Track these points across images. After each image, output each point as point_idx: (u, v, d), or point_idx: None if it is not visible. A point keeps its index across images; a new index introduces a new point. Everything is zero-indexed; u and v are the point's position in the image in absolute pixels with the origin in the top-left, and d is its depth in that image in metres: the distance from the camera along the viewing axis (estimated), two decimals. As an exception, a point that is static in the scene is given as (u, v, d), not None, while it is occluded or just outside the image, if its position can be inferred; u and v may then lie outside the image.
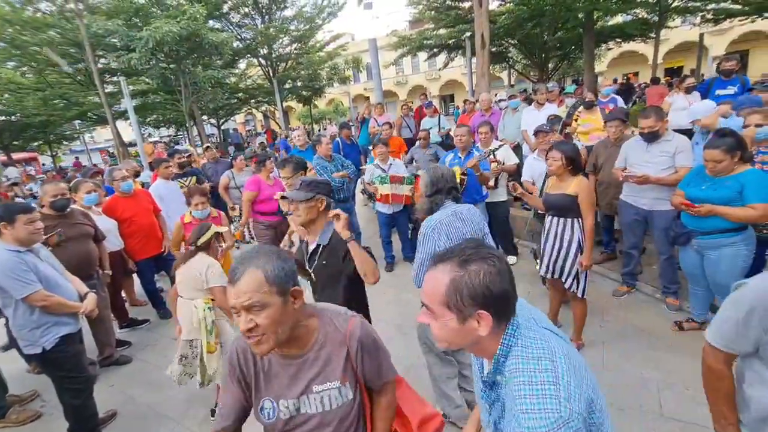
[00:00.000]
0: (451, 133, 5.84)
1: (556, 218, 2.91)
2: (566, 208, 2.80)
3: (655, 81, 11.48)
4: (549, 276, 3.04)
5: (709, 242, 2.64)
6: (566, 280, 2.90)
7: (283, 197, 2.24)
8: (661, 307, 3.46)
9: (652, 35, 14.83)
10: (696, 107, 3.91)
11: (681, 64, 24.98)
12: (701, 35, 13.98)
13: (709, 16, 14.01)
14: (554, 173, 2.88)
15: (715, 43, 23.05)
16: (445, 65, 19.40)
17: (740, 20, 13.82)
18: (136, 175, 5.09)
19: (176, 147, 9.51)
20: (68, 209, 3.28)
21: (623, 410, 2.43)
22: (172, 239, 3.72)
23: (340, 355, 1.21)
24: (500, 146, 4.34)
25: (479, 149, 4.31)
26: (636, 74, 25.05)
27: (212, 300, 2.55)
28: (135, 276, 4.60)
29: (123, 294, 4.48)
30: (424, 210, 2.31)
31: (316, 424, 1.20)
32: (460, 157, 4.12)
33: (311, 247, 2.06)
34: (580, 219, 2.80)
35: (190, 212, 3.62)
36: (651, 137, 3.20)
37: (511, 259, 4.67)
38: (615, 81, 18.13)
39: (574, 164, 2.80)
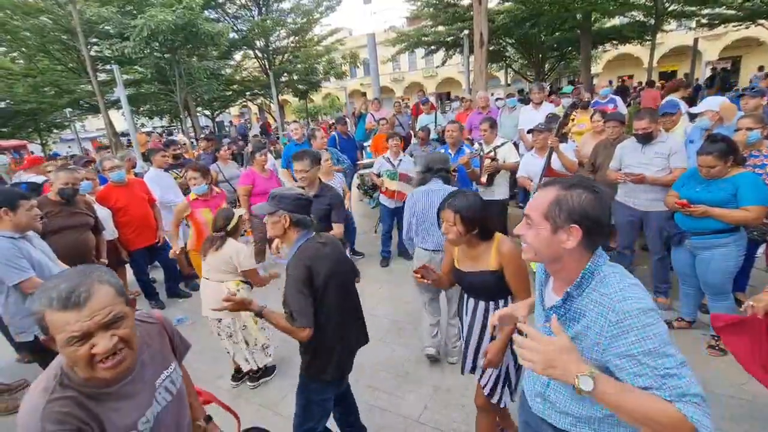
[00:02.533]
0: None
1: (474, 300, 2.03)
2: (491, 288, 1.93)
3: (650, 84, 11.59)
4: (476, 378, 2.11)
5: (702, 242, 2.68)
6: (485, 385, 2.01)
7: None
8: (652, 306, 3.51)
9: (648, 38, 14.97)
10: (709, 100, 3.88)
11: (675, 68, 25.25)
12: (696, 40, 14.17)
13: (704, 21, 14.18)
14: (454, 243, 1.95)
15: (708, 49, 23.33)
16: (443, 62, 19.38)
17: (734, 26, 14.00)
18: (133, 166, 5.02)
19: (172, 138, 9.38)
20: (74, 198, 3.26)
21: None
22: (174, 217, 3.73)
23: (165, 342, 1.27)
24: (503, 144, 4.36)
25: (469, 146, 4.34)
26: (631, 77, 25.24)
27: (245, 282, 2.82)
28: (126, 266, 4.57)
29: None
30: (416, 183, 2.79)
31: (176, 408, 1.24)
32: (450, 153, 4.14)
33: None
34: (511, 298, 1.96)
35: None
36: (645, 139, 3.25)
37: None
38: (610, 83, 18.26)
39: (482, 223, 1.85)
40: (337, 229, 3.10)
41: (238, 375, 3.06)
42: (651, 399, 0.93)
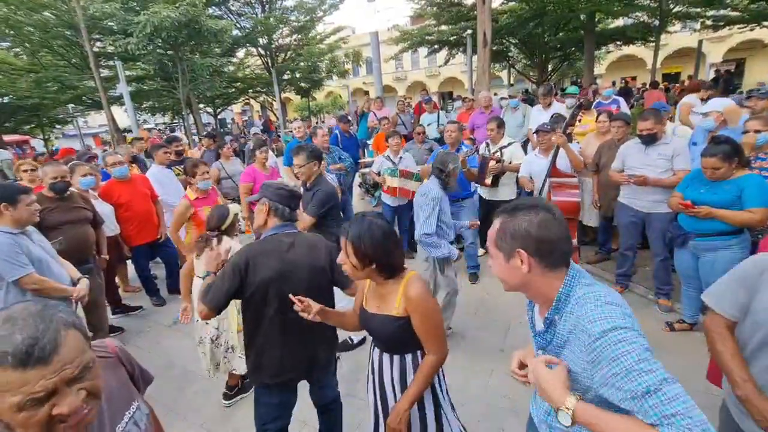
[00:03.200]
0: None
1: (379, 351, 1.68)
2: (393, 338, 1.58)
3: (654, 85, 11.55)
4: None
5: (706, 244, 2.67)
6: None
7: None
8: (653, 307, 3.51)
9: (652, 39, 14.92)
10: (715, 101, 3.87)
11: (679, 70, 25.16)
12: (700, 42, 14.08)
13: (709, 23, 14.11)
14: (353, 277, 1.57)
15: (713, 51, 23.22)
16: (446, 62, 19.35)
17: (739, 28, 13.93)
18: (133, 160, 5.02)
19: (175, 134, 9.39)
20: (67, 192, 3.25)
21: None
22: (175, 217, 3.63)
23: (123, 377, 1.08)
24: (510, 144, 4.34)
25: (468, 146, 4.33)
26: (634, 78, 25.18)
27: None
28: (128, 262, 4.58)
29: (116, 280, 4.44)
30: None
31: None
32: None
33: None
34: (420, 353, 1.61)
35: (195, 187, 3.59)
36: (649, 139, 3.23)
37: None
38: (613, 84, 18.21)
39: (380, 257, 1.48)
40: (302, 221, 2.92)
41: (230, 393, 2.88)
42: (631, 424, 0.85)
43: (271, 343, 1.80)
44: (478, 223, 3.55)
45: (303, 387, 2.04)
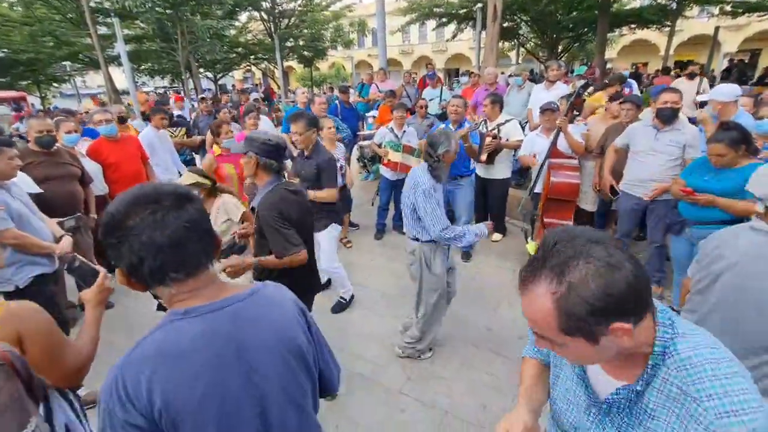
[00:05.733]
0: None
1: None
2: None
3: (666, 71, 11.25)
4: None
5: (704, 232, 2.59)
6: None
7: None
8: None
9: (668, 24, 14.43)
10: (721, 88, 3.56)
11: (692, 58, 24.38)
12: (716, 29, 13.62)
13: (728, 8, 13.61)
14: None
15: (729, 39, 22.58)
16: (454, 36, 18.76)
17: (758, 16, 13.46)
18: (122, 120, 4.88)
19: (163, 99, 9.13)
20: (54, 147, 3.16)
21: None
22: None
23: (16, 389, 0.89)
24: (507, 121, 4.22)
25: (469, 122, 4.21)
26: (645, 64, 24.57)
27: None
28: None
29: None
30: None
31: None
32: (450, 129, 4.02)
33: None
34: None
35: (220, 145, 3.76)
36: (670, 116, 3.01)
37: (497, 236, 4.67)
38: (633, 66, 17.77)
39: None
40: (328, 193, 3.06)
41: None
42: None
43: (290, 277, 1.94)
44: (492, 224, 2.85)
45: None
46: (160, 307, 2.31)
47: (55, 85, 21.89)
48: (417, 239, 2.57)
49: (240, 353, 0.87)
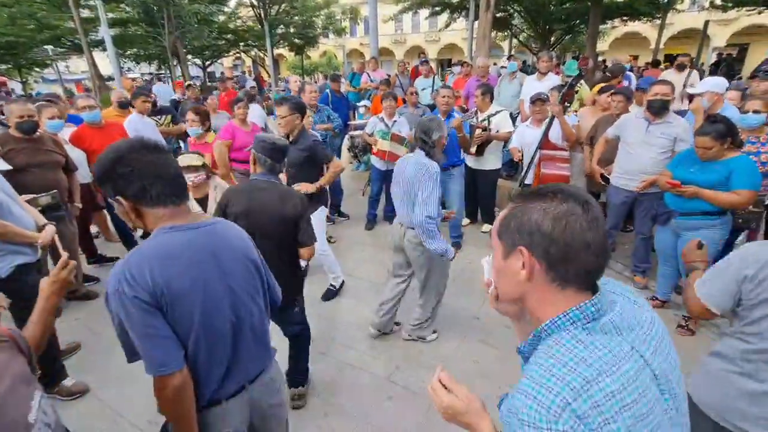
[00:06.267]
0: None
1: None
2: None
3: (655, 63, 11.31)
4: None
5: (688, 223, 2.67)
6: None
7: None
8: (629, 284, 3.55)
9: (659, 17, 14.48)
10: (708, 82, 3.63)
11: (682, 52, 24.61)
12: (706, 22, 13.71)
13: (718, 2, 13.70)
14: None
15: (718, 34, 22.79)
16: (447, 25, 18.64)
17: (747, 10, 13.57)
18: (123, 105, 4.76)
19: (144, 86, 8.82)
20: (36, 133, 3.06)
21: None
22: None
23: (22, 365, 1.00)
24: (498, 112, 4.22)
25: (460, 113, 4.20)
26: (636, 58, 24.68)
27: None
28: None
29: (94, 229, 4.33)
30: (410, 148, 2.70)
31: None
32: (440, 119, 4.01)
33: None
34: None
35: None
36: (660, 108, 3.01)
37: (486, 227, 4.70)
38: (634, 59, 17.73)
39: None
40: (334, 165, 3.23)
41: None
42: None
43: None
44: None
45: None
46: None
47: (36, 69, 21.22)
48: (414, 227, 2.55)
49: (214, 258, 1.18)
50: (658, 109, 3.03)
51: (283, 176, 2.84)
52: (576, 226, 0.71)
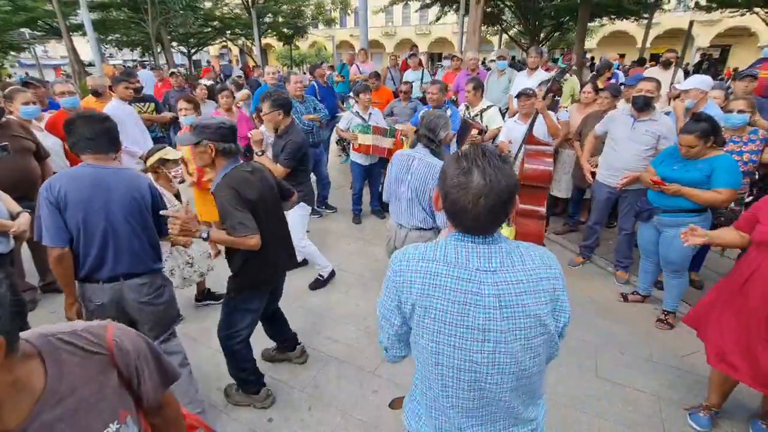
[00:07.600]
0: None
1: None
2: None
3: (641, 62, 11.47)
4: None
5: (670, 220, 2.71)
6: None
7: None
8: (611, 279, 3.62)
9: (646, 15, 14.64)
10: (695, 79, 3.59)
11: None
12: (691, 22, 13.92)
13: (703, 3, 13.93)
14: None
15: (702, 34, 23.23)
16: (437, 19, 18.57)
17: (730, 12, 13.84)
18: (96, 93, 4.59)
19: (130, 70, 8.55)
20: (3, 119, 2.93)
21: (561, 367, 2.56)
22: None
23: (109, 385, 0.86)
24: (489, 107, 4.21)
25: (452, 106, 4.18)
26: (622, 56, 24.99)
27: None
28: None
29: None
30: (412, 143, 2.64)
31: None
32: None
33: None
34: None
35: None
36: (644, 104, 3.04)
37: None
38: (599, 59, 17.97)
39: None
40: (276, 167, 2.98)
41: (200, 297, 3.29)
42: None
43: (265, 255, 2.02)
44: None
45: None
46: None
47: (12, 53, 20.43)
48: (420, 228, 2.47)
49: (105, 184, 1.78)
50: (642, 106, 3.07)
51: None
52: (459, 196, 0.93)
